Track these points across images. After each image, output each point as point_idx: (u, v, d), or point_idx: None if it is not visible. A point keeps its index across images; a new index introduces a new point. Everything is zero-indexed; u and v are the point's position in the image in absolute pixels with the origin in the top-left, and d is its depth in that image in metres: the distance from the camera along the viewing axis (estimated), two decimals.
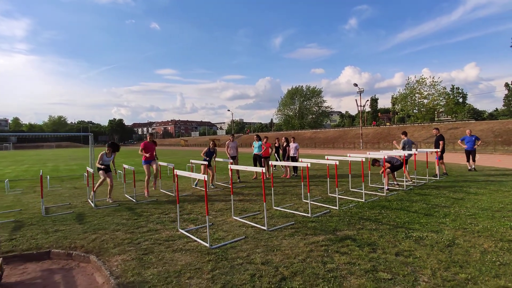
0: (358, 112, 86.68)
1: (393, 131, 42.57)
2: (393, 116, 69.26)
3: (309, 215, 5.35)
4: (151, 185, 8.26)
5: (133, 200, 7.22)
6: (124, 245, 4.18)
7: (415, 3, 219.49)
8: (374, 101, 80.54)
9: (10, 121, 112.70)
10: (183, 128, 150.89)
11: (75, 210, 6.38)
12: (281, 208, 6.02)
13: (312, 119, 71.78)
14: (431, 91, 48.34)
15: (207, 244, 4.03)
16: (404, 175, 8.65)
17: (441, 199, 6.46)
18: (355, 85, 35.90)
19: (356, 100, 36.59)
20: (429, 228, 4.51)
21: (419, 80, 48.84)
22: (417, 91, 49.27)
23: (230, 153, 10.16)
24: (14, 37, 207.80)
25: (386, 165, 7.63)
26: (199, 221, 5.32)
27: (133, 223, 5.28)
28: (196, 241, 4.25)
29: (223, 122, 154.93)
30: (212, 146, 9.19)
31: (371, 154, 8.34)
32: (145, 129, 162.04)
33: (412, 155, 8.54)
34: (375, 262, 3.37)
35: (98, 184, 7.15)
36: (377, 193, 7.26)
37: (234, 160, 10.07)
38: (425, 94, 48.82)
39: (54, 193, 8.60)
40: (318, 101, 71.07)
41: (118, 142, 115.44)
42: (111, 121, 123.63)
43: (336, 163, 5.86)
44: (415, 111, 51.00)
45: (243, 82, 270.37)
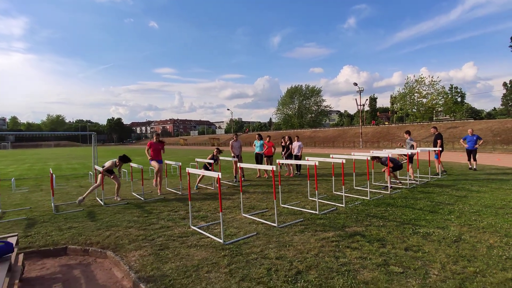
0: (357, 111, 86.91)
1: (392, 130, 42.79)
2: (392, 115, 69.49)
3: (317, 212, 5.47)
4: (153, 184, 8.30)
5: (141, 198, 7.32)
6: (139, 241, 4.28)
7: (414, 2, 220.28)
8: (373, 100, 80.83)
9: (8, 120, 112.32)
10: (182, 127, 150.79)
11: (85, 208, 6.47)
12: (289, 206, 6.13)
13: (311, 118, 71.99)
14: (430, 90, 48.58)
15: (221, 240, 4.14)
16: (408, 174, 8.77)
17: (445, 197, 6.59)
18: (355, 84, 36.06)
19: (356, 100, 36.78)
20: (435, 225, 4.63)
21: (418, 80, 49.07)
22: (416, 90, 49.49)
23: (234, 153, 10.26)
24: (12, 36, 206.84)
25: (390, 165, 7.75)
26: (209, 218, 5.42)
27: (145, 220, 5.38)
28: (209, 237, 4.35)
29: (222, 121, 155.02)
30: (216, 153, 9.19)
31: (375, 153, 8.45)
32: (144, 128, 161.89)
33: (415, 154, 8.67)
34: (386, 257, 3.49)
35: (92, 189, 6.92)
36: (381, 191, 7.38)
37: (238, 159, 10.15)
38: (424, 94, 49.05)
39: (61, 192, 8.68)
40: (318, 100, 71.29)
41: (117, 141, 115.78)
42: (110, 120, 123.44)
43: (343, 162, 5.97)
44: (414, 110, 51.22)
45: (242, 81, 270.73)
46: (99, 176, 7.00)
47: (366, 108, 68.45)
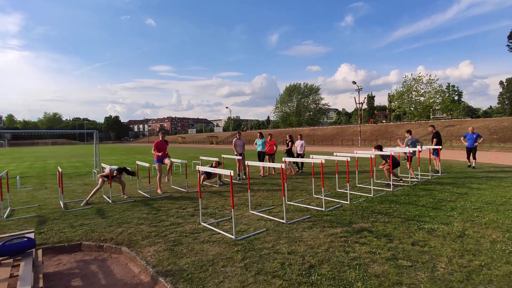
0: (355, 110, 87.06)
1: (390, 129, 43.09)
2: (390, 114, 69.84)
3: (323, 209, 5.60)
4: (164, 176, 8.38)
5: (148, 196, 7.41)
6: (152, 238, 4.38)
7: (411, 1, 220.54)
8: (371, 99, 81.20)
9: (4, 118, 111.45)
10: (180, 125, 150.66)
11: (93, 206, 6.55)
12: (294, 203, 6.25)
13: (310, 117, 72.17)
14: (428, 89, 48.89)
15: (232, 236, 4.25)
16: (409, 172, 8.92)
17: (446, 194, 6.74)
18: (354, 83, 36.24)
19: (355, 98, 36.98)
20: (439, 221, 4.77)
21: (416, 78, 49.36)
22: (414, 89, 49.78)
23: (238, 151, 10.33)
24: (7, 33, 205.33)
25: (389, 163, 7.90)
26: (217, 215, 5.53)
27: (154, 217, 5.48)
28: (220, 234, 4.46)
29: (220, 119, 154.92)
30: (215, 165, 9.03)
31: (377, 152, 8.58)
32: (141, 126, 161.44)
33: (416, 152, 8.82)
34: (394, 251, 3.62)
35: (94, 192, 6.86)
36: (384, 189, 7.52)
37: (242, 157, 10.23)
38: (422, 92, 49.36)
39: (67, 190, 8.74)
40: (316, 99, 71.43)
41: (115, 139, 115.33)
42: (107, 118, 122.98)
43: (348, 160, 6.10)
44: (412, 109, 51.55)
45: (239, 79, 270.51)
46: (100, 180, 7.02)
47: (364, 107, 68.76)
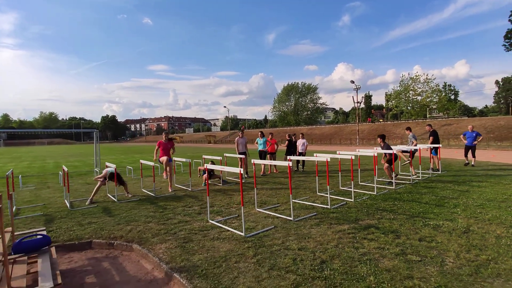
0: (352, 109, 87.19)
1: (388, 128, 43.35)
2: (387, 113, 70.24)
3: (329, 207, 5.67)
4: (163, 176, 8.39)
5: (153, 195, 7.43)
6: (162, 235, 4.42)
7: (408, 0, 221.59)
8: (368, 98, 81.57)
9: (0, 118, 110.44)
10: (177, 125, 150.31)
11: (99, 204, 6.57)
12: (299, 201, 6.31)
13: (307, 116, 72.38)
14: (425, 88, 49.23)
15: (242, 233, 4.30)
16: (410, 170, 9.02)
17: (448, 192, 6.84)
18: (352, 82, 36.42)
19: (353, 97, 37.15)
20: (443, 217, 4.86)
21: (413, 77, 49.69)
22: (411, 88, 50.10)
23: (239, 150, 10.36)
24: (2, 31, 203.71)
25: (388, 159, 8.01)
26: (224, 213, 5.58)
27: (161, 216, 5.52)
28: (229, 231, 4.51)
29: (217, 119, 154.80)
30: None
31: (379, 150, 8.67)
32: (138, 126, 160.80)
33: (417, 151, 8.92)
34: (402, 247, 3.69)
35: (96, 190, 6.91)
36: (386, 187, 7.62)
37: (245, 156, 10.26)
38: (419, 91, 49.70)
39: (70, 189, 8.72)
40: (314, 98, 71.65)
41: (111, 139, 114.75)
42: (104, 118, 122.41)
43: (352, 158, 6.17)
44: (409, 108, 51.88)
45: (236, 79, 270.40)
46: (99, 180, 7.04)
47: (361, 106, 69.08)
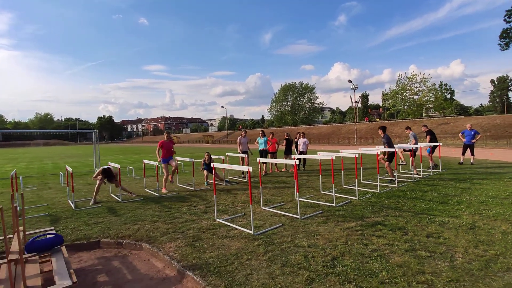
0: (349, 108, 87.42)
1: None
2: (384, 112, 70.61)
3: (334, 205, 5.71)
4: (169, 179, 8.24)
5: (156, 194, 7.43)
6: (170, 234, 4.43)
7: (403, 0, 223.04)
8: (365, 97, 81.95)
9: None
10: (174, 125, 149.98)
11: (103, 204, 6.55)
12: (304, 199, 6.35)
13: (304, 115, 72.57)
14: (422, 87, 49.58)
15: (251, 231, 4.33)
16: (411, 168, 9.11)
17: (450, 189, 6.91)
18: (350, 81, 36.57)
19: (351, 96, 37.36)
20: (448, 214, 4.92)
21: (410, 77, 50.03)
22: (408, 87, 50.44)
23: (242, 149, 10.35)
24: None
25: (383, 157, 8.08)
26: (230, 212, 5.59)
27: (167, 215, 5.52)
28: (237, 229, 4.53)
29: (214, 119, 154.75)
30: (208, 159, 8.76)
31: (381, 148, 8.74)
32: (135, 126, 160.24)
33: (418, 148, 9.00)
34: (411, 243, 3.74)
35: (96, 190, 6.95)
36: (389, 185, 7.68)
37: (247, 155, 10.23)
38: (416, 90, 50.05)
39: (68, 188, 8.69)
40: (311, 98, 71.87)
41: (108, 140, 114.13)
42: (100, 118, 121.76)
43: (356, 156, 6.22)
44: (406, 107, 52.22)
45: (233, 78, 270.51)
46: (99, 178, 7.00)
47: (359, 105, 69.43)
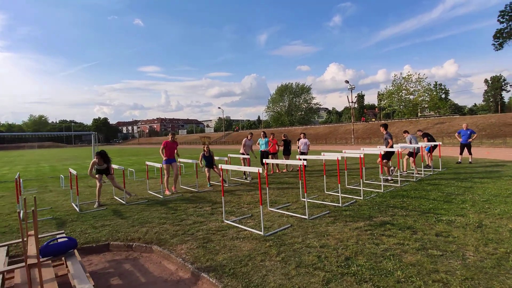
0: (345, 108, 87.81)
1: None
2: (380, 112, 71.07)
3: (340, 205, 5.74)
4: (172, 188, 8.06)
5: (160, 196, 7.40)
6: (180, 236, 4.42)
7: (397, 0, 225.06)
8: (361, 98, 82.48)
9: None
10: (170, 126, 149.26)
11: (108, 207, 6.51)
12: (309, 200, 6.37)
13: (301, 116, 72.77)
14: (417, 87, 50.02)
15: (261, 232, 4.33)
16: (413, 167, 9.19)
17: (453, 188, 6.99)
18: (347, 82, 36.78)
19: (348, 97, 37.54)
20: (454, 213, 4.97)
21: (406, 77, 50.43)
22: (404, 87, 50.84)
23: (244, 151, 10.29)
24: None
25: (385, 154, 8.15)
26: (237, 213, 5.59)
27: (174, 217, 5.50)
28: (247, 230, 4.54)
29: (210, 120, 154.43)
30: (207, 151, 8.77)
31: (382, 148, 8.81)
32: (130, 128, 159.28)
33: (420, 149, 9.08)
34: (421, 242, 3.77)
35: (98, 192, 6.78)
36: (392, 184, 7.73)
37: (247, 159, 10.20)
38: (412, 90, 50.47)
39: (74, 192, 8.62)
40: (307, 98, 72.09)
41: (104, 142, 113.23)
42: (96, 120, 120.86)
43: (361, 156, 6.26)
44: (402, 107, 52.63)
45: (229, 79, 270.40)
46: (97, 177, 6.86)
47: (355, 105, 69.83)
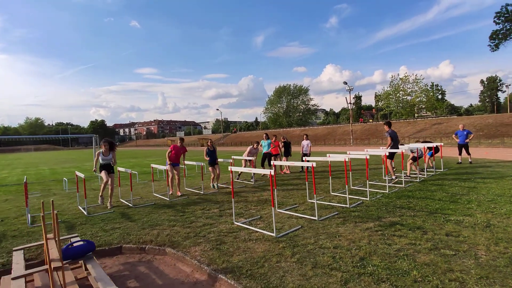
0: (342, 109, 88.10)
1: (380, 127, 44.01)
2: (377, 113, 71.42)
3: (348, 206, 5.79)
4: (177, 193, 7.99)
5: (166, 199, 7.41)
6: (192, 238, 4.44)
7: (393, 2, 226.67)
8: (358, 99, 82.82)
9: None
10: (167, 128, 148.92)
11: (116, 210, 6.51)
12: (316, 201, 6.41)
13: (299, 117, 72.97)
14: (414, 88, 50.38)
15: (272, 234, 4.37)
16: (414, 168, 9.26)
17: (456, 188, 7.07)
18: (345, 83, 36.97)
19: (346, 98, 37.80)
20: (461, 213, 5.04)
21: (403, 78, 50.78)
22: (401, 88, 51.18)
23: (247, 156, 10.26)
24: None
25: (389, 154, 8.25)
26: (246, 215, 5.63)
27: (184, 219, 5.52)
28: (258, 232, 4.57)
29: (207, 121, 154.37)
30: (211, 145, 8.98)
31: (384, 149, 8.89)
32: (127, 130, 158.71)
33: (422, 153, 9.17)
34: (433, 242, 3.83)
35: (103, 187, 6.89)
36: (396, 185, 7.80)
37: (250, 162, 10.18)
38: (409, 91, 50.82)
39: (79, 195, 8.60)
40: (305, 99, 72.31)
41: (97, 145, 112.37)
42: (93, 122, 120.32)
43: (367, 157, 6.32)
44: (400, 108, 52.95)
45: (226, 81, 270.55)
46: (102, 174, 6.88)
47: (353, 106, 70.11)
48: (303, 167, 11.82)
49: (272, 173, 4.31)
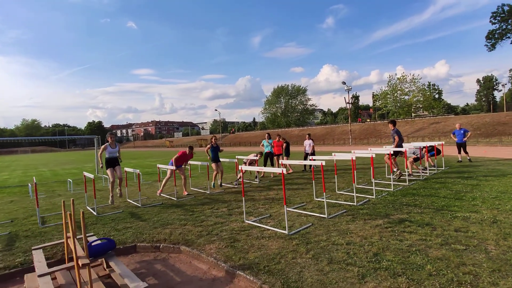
0: (340, 109, 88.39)
1: (378, 127, 44.31)
2: (375, 113, 71.76)
3: (355, 204, 5.88)
4: (183, 193, 8.06)
5: (173, 198, 7.47)
6: (205, 236, 4.51)
7: (389, 2, 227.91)
8: (356, 99, 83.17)
9: None
10: (165, 129, 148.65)
11: (125, 210, 6.56)
12: (323, 199, 6.49)
13: (297, 117, 73.17)
14: (412, 88, 50.70)
15: (284, 231, 4.45)
16: (415, 167, 9.38)
17: (460, 186, 7.18)
18: (343, 83, 37.17)
19: (345, 98, 37.97)
20: (467, 210, 5.14)
21: (400, 78, 51.08)
22: (399, 88, 51.48)
23: (249, 160, 10.33)
24: None
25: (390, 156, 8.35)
26: (255, 213, 5.70)
27: (194, 218, 5.59)
28: (270, 230, 4.64)
29: (205, 122, 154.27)
30: (215, 141, 9.12)
31: (389, 147, 8.99)
32: (125, 131, 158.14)
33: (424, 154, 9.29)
34: (443, 238, 3.92)
35: (111, 187, 7.01)
36: (400, 183, 7.91)
37: (253, 164, 10.23)
38: (406, 91, 51.14)
39: (85, 195, 8.63)
40: (303, 100, 72.54)
41: (98, 146, 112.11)
42: (90, 123, 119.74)
43: (373, 156, 6.42)
44: (398, 107, 53.24)
45: (223, 82, 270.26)
46: (108, 172, 7.02)
47: (350, 106, 70.36)
48: (306, 167, 11.92)
49: (285, 172, 4.39)
